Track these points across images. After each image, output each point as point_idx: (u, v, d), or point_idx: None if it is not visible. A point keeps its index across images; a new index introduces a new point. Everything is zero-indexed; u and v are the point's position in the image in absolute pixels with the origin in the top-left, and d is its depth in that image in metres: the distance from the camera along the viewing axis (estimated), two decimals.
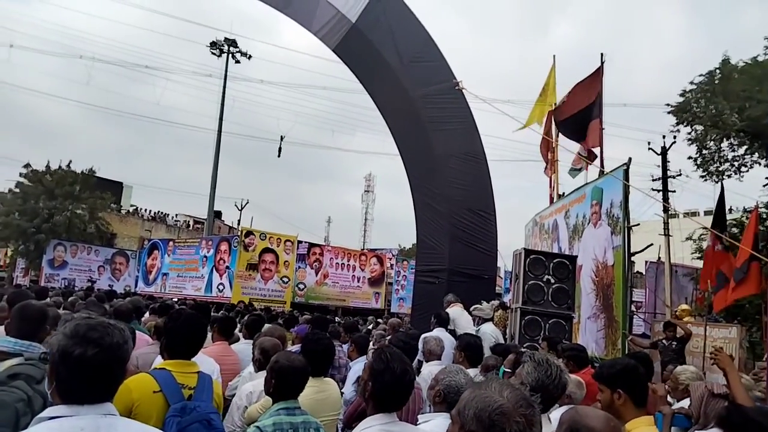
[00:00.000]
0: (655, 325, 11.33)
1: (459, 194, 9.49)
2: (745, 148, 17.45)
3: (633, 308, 14.83)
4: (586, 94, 12.32)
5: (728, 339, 8.71)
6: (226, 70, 32.48)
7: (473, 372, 4.03)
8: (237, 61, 33.52)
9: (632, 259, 11.88)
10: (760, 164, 17.17)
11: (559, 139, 13.95)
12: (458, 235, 9.31)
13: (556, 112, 13.23)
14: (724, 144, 17.85)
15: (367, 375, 2.40)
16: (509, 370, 4.18)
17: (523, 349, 4.82)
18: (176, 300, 16.11)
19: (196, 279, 24.08)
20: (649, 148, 17.54)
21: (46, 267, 27.27)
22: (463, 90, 9.77)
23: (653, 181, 18.17)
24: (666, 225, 16.12)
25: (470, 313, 7.29)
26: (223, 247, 23.27)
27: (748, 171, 17.75)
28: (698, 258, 17.11)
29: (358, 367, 4.78)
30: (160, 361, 2.93)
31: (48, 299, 7.22)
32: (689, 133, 17.99)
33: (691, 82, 17.75)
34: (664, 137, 17.46)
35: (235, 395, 3.61)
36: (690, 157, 18.30)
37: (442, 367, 3.26)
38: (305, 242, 25.52)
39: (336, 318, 14.68)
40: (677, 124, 17.96)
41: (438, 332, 6.02)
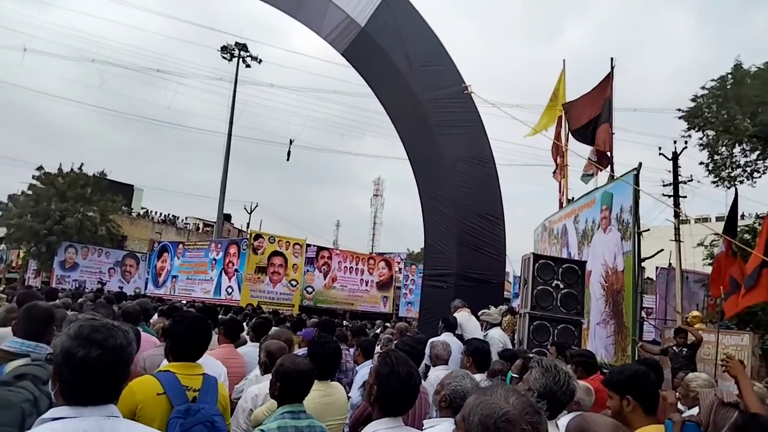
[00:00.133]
0: (665, 332, 11.23)
1: (467, 198, 9.46)
2: (757, 153, 17.30)
3: (643, 314, 14.68)
4: (597, 102, 12.28)
5: (740, 346, 8.62)
6: (236, 75, 32.68)
7: (480, 377, 4.00)
8: (248, 66, 33.74)
9: (642, 264, 11.77)
10: None
11: (569, 144, 13.89)
12: (466, 239, 9.27)
13: (569, 121, 13.16)
14: (737, 149, 17.72)
15: (372, 379, 2.38)
16: (517, 376, 4.15)
17: (531, 355, 4.78)
18: (185, 302, 16.17)
19: (206, 282, 24.13)
20: (660, 153, 17.39)
21: (57, 269, 27.47)
22: (472, 94, 9.75)
23: (664, 186, 18.00)
24: (677, 230, 15.95)
25: (478, 318, 7.24)
26: (232, 250, 23.31)
27: (760, 177, 17.61)
28: (709, 264, 16.89)
29: (364, 371, 4.74)
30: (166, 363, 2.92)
31: (57, 301, 7.25)
32: (701, 139, 17.88)
33: (703, 87, 17.64)
34: (675, 142, 17.30)
35: (240, 398, 3.59)
36: (701, 163, 18.18)
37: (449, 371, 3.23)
38: (314, 246, 25.51)
39: (344, 322, 14.65)
40: (688, 129, 17.83)
41: (445, 337, 5.99)
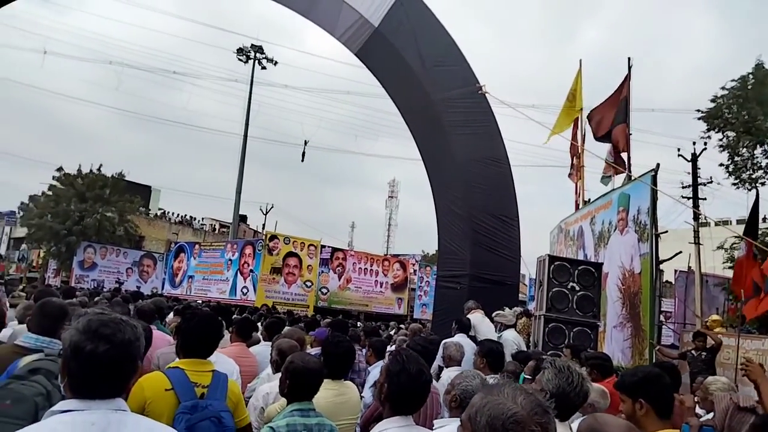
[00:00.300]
0: (684, 336, 11.03)
1: (481, 199, 9.39)
2: None
3: (662, 318, 14.47)
4: (617, 103, 12.18)
5: (761, 351, 8.42)
6: (252, 77, 32.93)
7: (493, 379, 3.96)
8: (263, 67, 33.98)
9: (661, 267, 11.60)
10: None
11: (585, 145, 13.75)
12: (480, 240, 9.21)
13: (593, 128, 13.02)
14: (758, 150, 17.41)
15: (383, 377, 2.37)
16: (529, 377, 4.11)
17: (545, 356, 4.72)
18: (201, 302, 16.31)
19: (221, 282, 24.34)
20: (679, 155, 17.16)
21: (76, 268, 27.90)
22: (486, 94, 9.69)
23: (683, 188, 17.77)
24: (696, 233, 15.71)
25: (492, 319, 7.18)
26: (248, 250, 23.49)
27: None
28: (730, 267, 16.62)
29: (376, 371, 4.72)
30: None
31: (74, 299, 7.34)
32: (720, 140, 17.61)
33: (723, 88, 17.37)
34: (694, 144, 17.07)
35: (252, 396, 3.60)
36: (721, 164, 17.88)
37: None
38: (328, 247, 25.60)
39: (358, 323, 14.65)
40: (708, 130, 17.57)
41: (459, 338, 5.95)
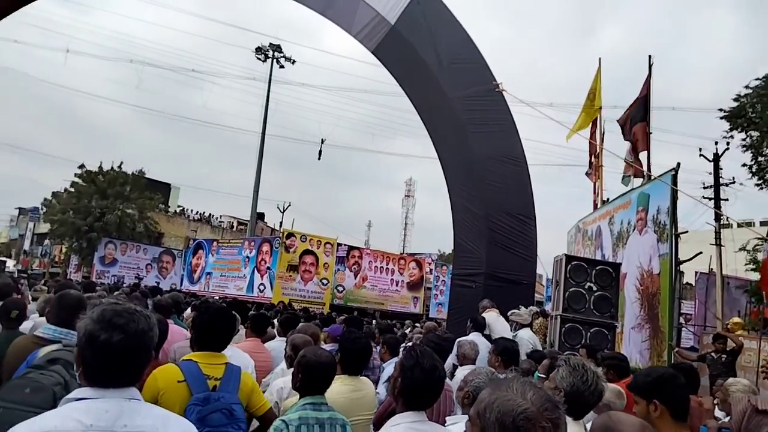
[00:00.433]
0: (704, 338, 10.86)
1: (497, 197, 9.33)
2: None
3: (682, 320, 14.24)
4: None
5: None
6: (270, 76, 33.11)
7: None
8: (281, 66, 34.16)
9: (681, 269, 11.42)
10: None
11: (604, 144, 13.60)
12: (496, 238, 9.15)
13: (625, 135, 12.85)
14: None
15: (397, 371, 2.38)
16: (543, 376, 4.07)
17: (560, 355, 4.68)
18: (218, 298, 16.47)
19: (239, 279, 24.53)
20: (701, 155, 16.89)
21: (97, 264, 28.34)
22: (503, 92, 9.62)
23: (704, 189, 17.48)
24: (717, 234, 15.44)
25: (507, 318, 7.13)
26: (265, 248, 23.64)
27: None
28: (752, 269, 16.32)
29: (390, 368, 4.72)
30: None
31: (94, 293, 7.45)
32: (744, 140, 17.26)
33: (747, 86, 17.01)
34: (716, 143, 16.78)
35: (266, 391, 3.62)
36: (744, 165, 17.54)
37: None
38: (345, 245, 25.65)
39: (373, 321, 14.65)
40: (731, 129, 17.23)
41: (474, 337, 5.92)
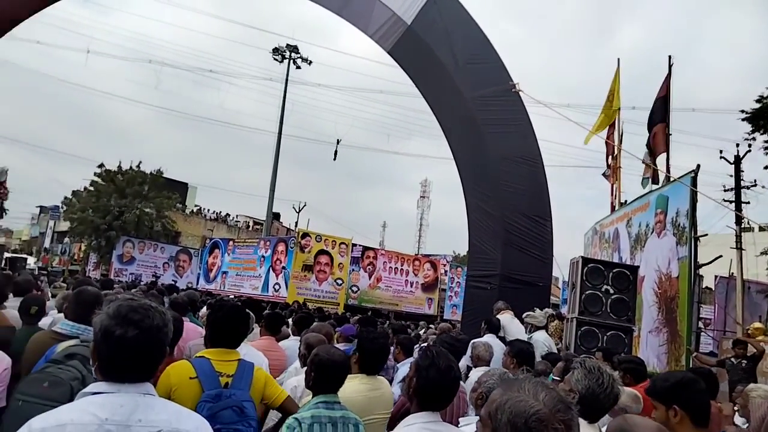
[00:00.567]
0: (723, 343, 10.68)
1: (513, 198, 9.28)
2: None
3: (701, 325, 14.02)
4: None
5: None
6: (287, 77, 33.28)
7: None
8: (298, 67, 34.30)
9: (700, 273, 11.24)
10: None
11: (622, 145, 13.45)
12: (512, 240, 9.10)
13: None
14: None
15: (412, 371, 2.39)
16: (558, 378, 4.03)
17: (575, 357, 4.63)
18: (234, 297, 16.58)
19: (254, 278, 24.66)
20: (721, 157, 16.61)
21: (115, 262, 28.73)
22: (520, 92, 9.56)
23: (725, 191, 17.20)
24: (738, 238, 15.18)
25: (522, 320, 7.08)
26: (280, 247, 23.73)
27: None
28: None
29: (405, 368, 4.71)
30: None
31: (112, 291, 7.55)
32: (766, 141, 16.94)
33: None
34: (737, 145, 16.50)
35: None
36: (767, 167, 17.22)
37: None
38: (359, 245, 25.67)
39: (387, 322, 14.65)
40: (753, 131, 16.91)
41: (488, 338, 5.88)
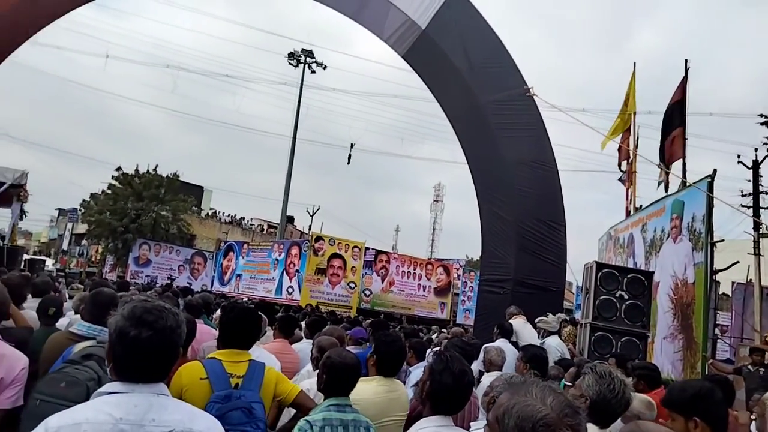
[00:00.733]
0: (740, 350, 10.54)
1: (527, 203, 9.24)
2: None
3: (717, 332, 13.81)
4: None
5: None
6: (302, 81, 33.46)
7: None
8: (313, 71, 34.50)
9: (717, 279, 11.07)
10: None
11: (638, 150, 13.33)
12: (525, 245, 9.05)
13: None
14: None
15: (426, 375, 2.41)
16: (570, 384, 4.01)
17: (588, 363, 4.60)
18: (247, 300, 16.67)
19: (268, 281, 24.75)
20: (739, 161, 16.40)
21: (131, 264, 29.00)
22: (534, 96, 9.52)
23: (743, 196, 16.98)
24: (756, 243, 14.95)
25: (535, 325, 7.04)
26: (294, 251, 23.79)
27: None
28: None
29: (418, 372, 4.72)
30: None
31: (128, 293, 7.64)
32: None
33: None
34: (756, 150, 16.29)
35: None
36: None
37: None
38: (372, 249, 25.66)
39: (399, 326, 14.63)
40: None
41: (500, 343, 5.87)
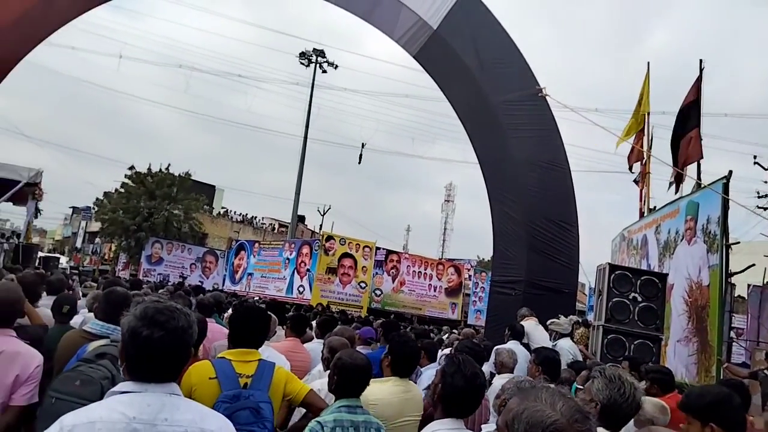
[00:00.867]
0: (756, 354, 10.40)
1: (538, 203, 9.18)
2: None
3: (733, 335, 13.63)
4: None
5: None
6: (313, 81, 33.53)
7: None
8: (324, 71, 34.57)
9: (732, 281, 10.94)
10: None
11: (652, 150, 13.20)
12: (537, 245, 9.00)
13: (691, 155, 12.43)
14: None
15: (438, 377, 2.41)
16: (581, 387, 3.98)
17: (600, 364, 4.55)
18: (258, 299, 16.73)
19: (279, 280, 24.84)
20: (755, 162, 16.18)
21: (144, 262, 29.26)
22: (547, 97, 9.46)
23: (759, 198, 16.76)
24: None
25: (546, 327, 6.99)
26: (305, 250, 23.86)
27: None
28: None
29: (429, 372, 4.72)
30: None
31: (140, 291, 7.70)
32: None
33: None
34: None
35: None
36: None
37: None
38: (383, 249, 25.64)
39: (410, 327, 14.61)
40: None
41: (512, 345, 5.83)
